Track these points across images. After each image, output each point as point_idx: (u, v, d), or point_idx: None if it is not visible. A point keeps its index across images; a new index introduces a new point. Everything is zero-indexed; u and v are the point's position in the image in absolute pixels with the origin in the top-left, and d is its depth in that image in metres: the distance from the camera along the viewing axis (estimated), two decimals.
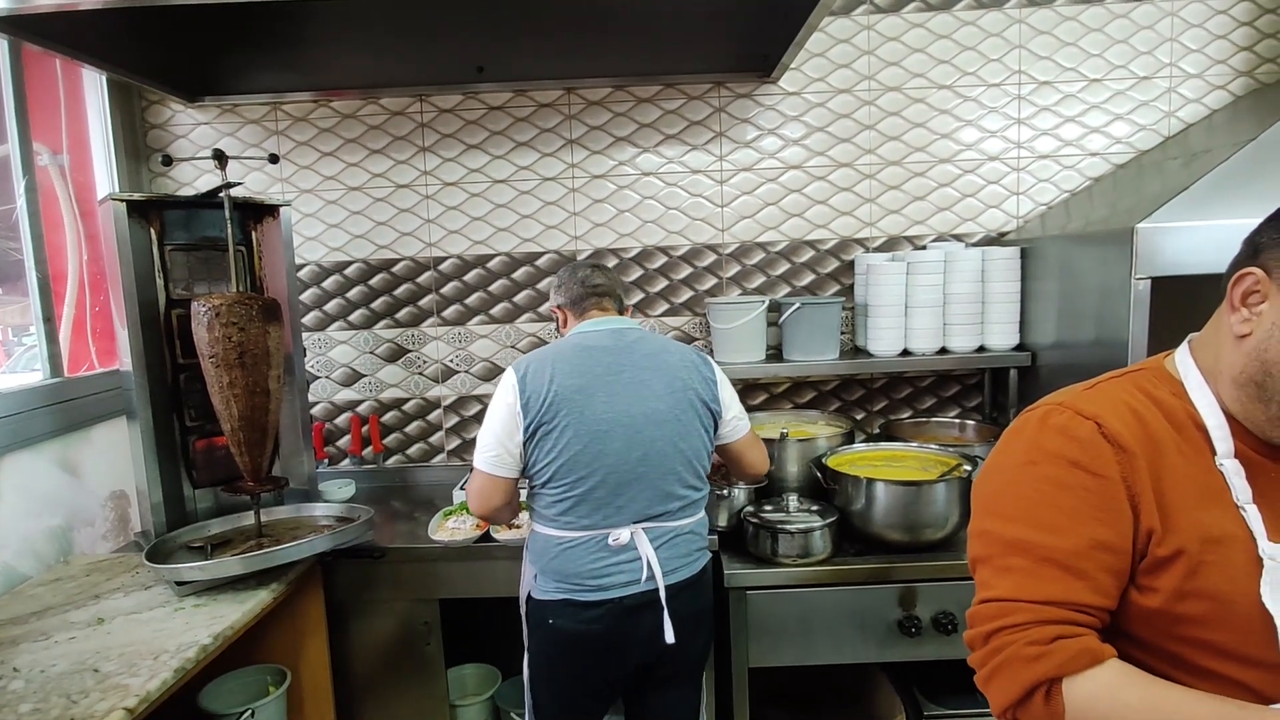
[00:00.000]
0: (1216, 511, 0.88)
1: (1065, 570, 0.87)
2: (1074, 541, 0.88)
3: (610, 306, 1.80)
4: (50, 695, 1.30)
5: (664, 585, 1.59)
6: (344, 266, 2.60)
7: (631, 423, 1.58)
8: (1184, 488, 0.89)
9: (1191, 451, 0.91)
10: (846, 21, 2.46)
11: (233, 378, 1.82)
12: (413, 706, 2.11)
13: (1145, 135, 2.48)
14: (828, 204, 2.55)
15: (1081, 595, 0.87)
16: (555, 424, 1.57)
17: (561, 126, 2.54)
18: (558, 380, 1.58)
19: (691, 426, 1.65)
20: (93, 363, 2.30)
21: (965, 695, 2.02)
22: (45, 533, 1.96)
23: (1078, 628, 0.85)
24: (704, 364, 1.72)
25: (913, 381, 2.62)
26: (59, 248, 2.21)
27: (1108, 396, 0.95)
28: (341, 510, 2.12)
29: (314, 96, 2.51)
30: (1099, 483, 0.89)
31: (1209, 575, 0.86)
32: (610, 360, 1.63)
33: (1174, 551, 0.87)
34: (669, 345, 1.73)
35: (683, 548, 1.65)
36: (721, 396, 1.71)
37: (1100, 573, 0.87)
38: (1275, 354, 0.85)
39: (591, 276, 1.81)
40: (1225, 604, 0.85)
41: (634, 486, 1.59)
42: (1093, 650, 0.84)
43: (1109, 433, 0.90)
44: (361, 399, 2.66)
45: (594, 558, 1.59)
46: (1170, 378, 0.97)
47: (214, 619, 1.61)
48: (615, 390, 1.60)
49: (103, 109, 2.38)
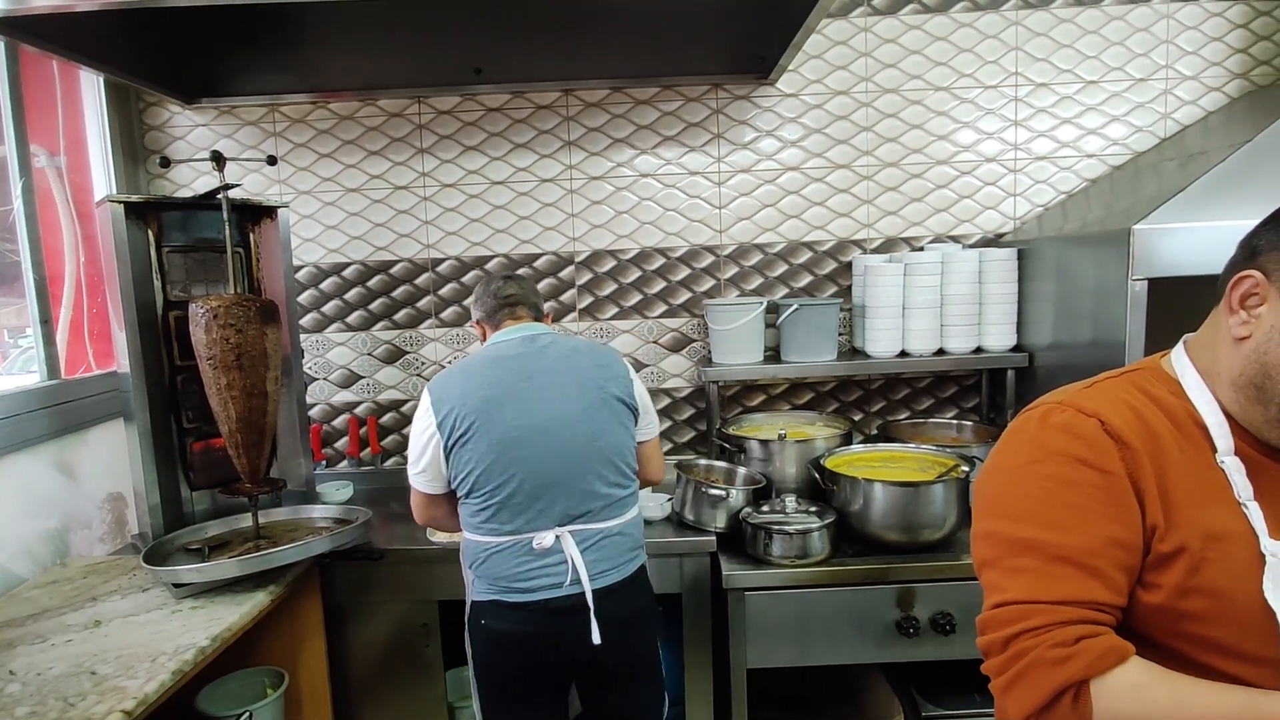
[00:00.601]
0: (1218, 508, 0.88)
1: (1079, 569, 0.86)
2: (1086, 539, 0.87)
3: (524, 315, 1.81)
4: (47, 698, 1.30)
5: (591, 588, 1.60)
6: (342, 268, 2.60)
7: (544, 426, 1.60)
8: (1185, 484, 0.89)
9: (1191, 449, 0.91)
10: (844, 23, 2.47)
11: (230, 379, 1.82)
12: (411, 708, 2.11)
13: (1141, 137, 2.49)
14: (825, 205, 2.55)
15: (1098, 593, 0.86)
16: (469, 437, 1.60)
17: (559, 128, 2.54)
18: (468, 394, 1.62)
19: (608, 425, 1.66)
20: (90, 365, 2.30)
21: (963, 696, 2.02)
22: (42, 535, 1.96)
23: (1098, 626, 0.84)
24: (618, 363, 1.74)
25: (910, 382, 2.62)
26: (56, 249, 2.20)
27: (1107, 395, 0.95)
28: (339, 512, 2.12)
29: (312, 98, 2.51)
30: (1106, 479, 0.88)
31: (1211, 572, 0.86)
32: (520, 367, 1.65)
33: (1177, 548, 0.87)
34: (581, 347, 1.74)
35: (611, 550, 1.65)
36: (636, 394, 1.73)
37: (1114, 570, 0.87)
38: (1275, 357, 0.85)
39: (503, 288, 1.82)
40: (1227, 600, 0.85)
41: (553, 489, 1.60)
42: (1117, 649, 0.83)
43: (1112, 429, 0.90)
44: (359, 401, 2.66)
45: (518, 561, 1.61)
46: (1168, 377, 0.97)
47: (211, 621, 1.60)
48: (526, 396, 1.62)
49: (100, 110, 2.38)
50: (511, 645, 1.64)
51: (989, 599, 0.92)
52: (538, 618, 1.61)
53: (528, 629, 1.62)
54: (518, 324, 1.79)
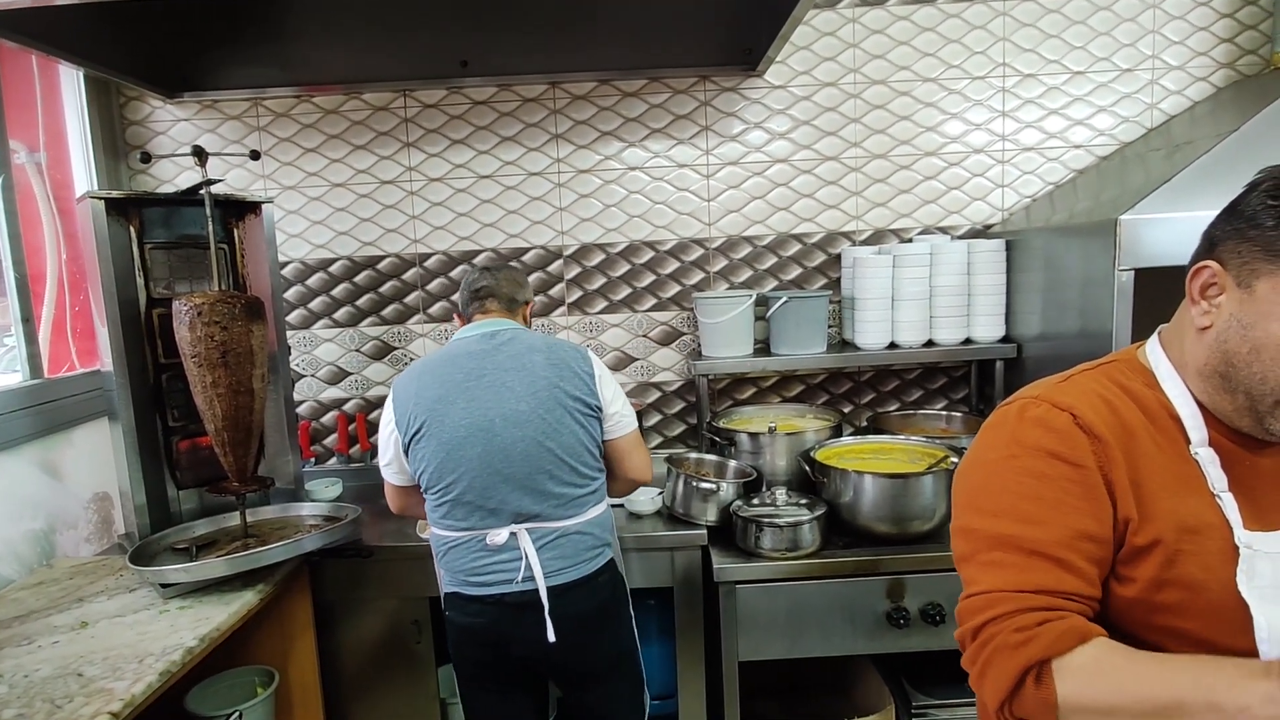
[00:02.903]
0: (1192, 500, 0.89)
1: (1051, 561, 0.87)
2: (1057, 532, 0.88)
3: (495, 308, 1.81)
4: (34, 700, 1.29)
5: (545, 585, 1.61)
6: (328, 264, 2.58)
7: (489, 426, 1.61)
8: (1160, 477, 0.90)
9: (1165, 441, 0.92)
10: (831, 15, 2.46)
11: (216, 377, 1.81)
12: (403, 705, 2.10)
13: (1128, 127, 2.49)
14: (814, 198, 2.55)
15: (1068, 584, 0.86)
16: (421, 435, 1.64)
17: (547, 121, 2.53)
18: (422, 393, 1.65)
19: (561, 424, 1.64)
20: (73, 363, 2.27)
21: (952, 685, 2.03)
22: (27, 536, 1.94)
23: (1063, 611, 0.85)
24: (580, 360, 1.71)
25: (900, 374, 2.63)
26: (37, 247, 2.18)
27: (1081, 388, 0.95)
28: (328, 509, 2.11)
29: (295, 92, 2.48)
30: (1079, 473, 0.89)
31: (1185, 564, 0.86)
32: (473, 366, 1.66)
33: (1151, 541, 0.87)
34: (539, 344, 1.71)
35: (569, 548, 1.64)
36: (601, 391, 1.70)
37: (1085, 562, 0.87)
38: (1235, 344, 0.86)
39: (477, 280, 1.83)
40: (1201, 593, 0.86)
41: (502, 489, 1.61)
42: (1078, 629, 0.83)
43: (1084, 423, 0.91)
44: (348, 397, 2.64)
45: (473, 556, 1.63)
46: (1143, 369, 0.97)
47: (199, 621, 1.59)
48: (474, 395, 1.63)
49: (80, 105, 2.35)
50: (470, 638, 1.68)
51: (964, 591, 0.92)
52: (493, 612, 1.63)
53: (483, 622, 1.64)
54: (485, 318, 1.79)
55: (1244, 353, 0.86)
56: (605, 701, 1.74)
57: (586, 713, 1.75)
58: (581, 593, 1.65)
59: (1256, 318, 0.84)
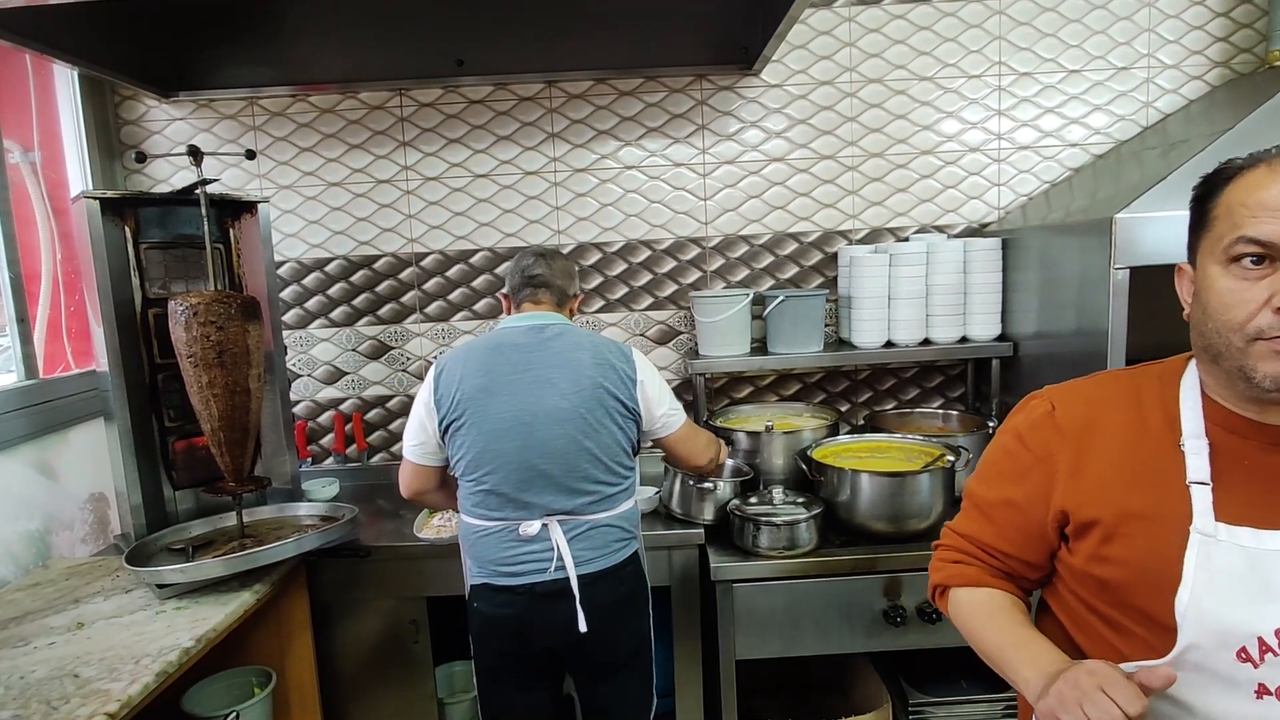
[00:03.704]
0: (1148, 491, 0.95)
1: (984, 516, 1.11)
2: (994, 495, 1.09)
3: (546, 299, 1.80)
4: (30, 702, 1.28)
5: (576, 575, 1.61)
6: (325, 263, 2.58)
7: (531, 421, 1.61)
8: (1116, 468, 0.98)
9: (1149, 438, 0.98)
10: (827, 13, 2.46)
11: (212, 377, 1.80)
12: (401, 705, 2.10)
13: (1124, 126, 2.50)
14: (810, 196, 2.55)
15: (987, 536, 1.09)
16: (461, 422, 1.63)
17: (543, 120, 2.52)
18: (466, 380, 1.64)
19: (600, 423, 1.64)
20: (68, 364, 2.26)
21: (949, 683, 2.04)
22: (22, 537, 1.93)
23: (973, 560, 1.11)
24: (623, 360, 1.70)
25: (896, 373, 2.63)
26: (32, 247, 2.17)
27: (1083, 387, 1.08)
28: (325, 509, 2.10)
29: (291, 91, 2.48)
30: (1028, 455, 1.06)
31: (1122, 544, 0.96)
32: (519, 359, 1.66)
33: (1090, 521, 0.98)
34: (585, 341, 1.71)
35: (598, 540, 1.66)
36: (645, 393, 1.70)
37: (1006, 525, 1.07)
38: (1197, 317, 0.94)
39: (532, 266, 1.81)
40: (1137, 569, 0.94)
41: (537, 483, 1.61)
42: (967, 575, 1.11)
43: (1055, 417, 1.05)
44: (344, 397, 2.64)
45: (505, 546, 1.63)
46: (1175, 370, 1.02)
47: (196, 621, 1.59)
48: (518, 389, 1.62)
49: (75, 105, 2.34)
50: (497, 629, 1.67)
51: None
52: (524, 602, 1.63)
53: (514, 613, 1.64)
54: (536, 309, 1.78)
55: (1200, 318, 0.93)
56: (619, 694, 1.74)
57: (600, 706, 1.75)
58: (608, 583, 1.66)
59: (1198, 284, 0.94)
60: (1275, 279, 0.85)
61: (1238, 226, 0.87)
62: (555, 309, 1.80)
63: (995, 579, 1.09)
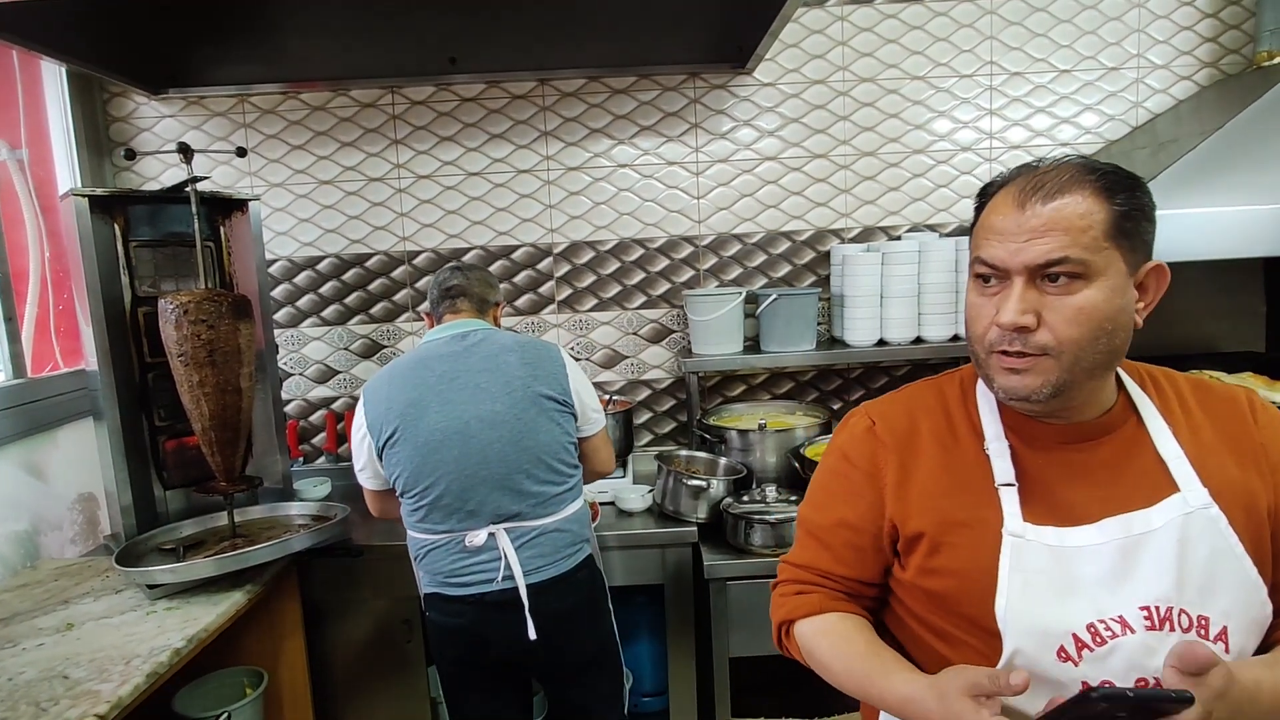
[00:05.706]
0: (965, 498, 0.97)
1: (819, 542, 1.07)
2: (827, 518, 1.06)
3: (465, 307, 1.79)
4: (19, 704, 1.27)
5: (525, 584, 1.61)
6: (316, 261, 2.57)
7: (465, 428, 1.60)
8: (937, 478, 0.99)
9: (956, 445, 1.01)
10: (820, 12, 2.47)
11: (203, 376, 1.79)
12: (394, 705, 2.10)
13: (1114, 125, 2.51)
14: (803, 195, 2.55)
15: (824, 562, 1.06)
16: (395, 440, 1.63)
17: (536, 118, 2.52)
18: (394, 397, 1.64)
19: (537, 423, 1.64)
20: (57, 363, 2.25)
21: None
22: (10, 537, 1.92)
23: (814, 587, 1.06)
24: (551, 360, 1.71)
25: (888, 371, 2.64)
26: (20, 245, 2.15)
27: (900, 398, 1.10)
28: (317, 509, 2.09)
29: (282, 88, 2.46)
30: (856, 472, 1.05)
31: (948, 554, 0.96)
32: (445, 368, 1.65)
33: (916, 533, 0.98)
34: (511, 343, 1.71)
35: (547, 546, 1.64)
36: (573, 389, 1.70)
37: (842, 547, 1.05)
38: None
39: (448, 279, 1.81)
40: (962, 578, 0.94)
41: (480, 490, 1.60)
42: (812, 604, 1.05)
43: (876, 431, 1.05)
44: (336, 396, 2.63)
45: (453, 558, 1.63)
46: (973, 374, 1.04)
47: (187, 622, 1.58)
48: (449, 398, 1.62)
49: (63, 102, 2.32)
50: (451, 637, 1.68)
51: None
52: (473, 612, 1.63)
53: (464, 622, 1.64)
54: (456, 318, 1.78)
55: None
56: (587, 693, 1.74)
57: (570, 705, 1.76)
58: (561, 589, 1.65)
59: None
60: (1001, 297, 0.90)
61: (978, 247, 0.94)
62: (476, 315, 1.80)
63: (839, 602, 1.05)
